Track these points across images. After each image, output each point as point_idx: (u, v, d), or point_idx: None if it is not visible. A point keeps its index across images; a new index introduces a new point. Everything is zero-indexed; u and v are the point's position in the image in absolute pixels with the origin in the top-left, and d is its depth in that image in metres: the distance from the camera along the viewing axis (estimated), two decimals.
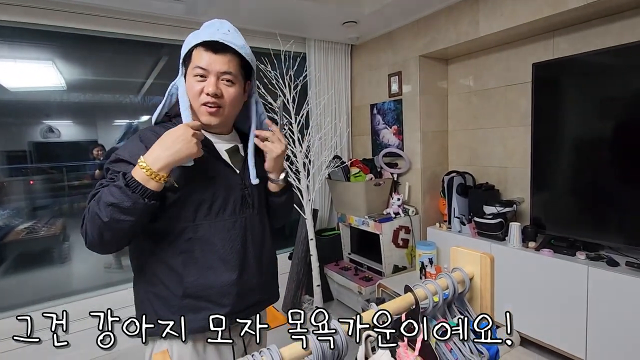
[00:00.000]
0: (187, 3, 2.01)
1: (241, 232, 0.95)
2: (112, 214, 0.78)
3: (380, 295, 2.24)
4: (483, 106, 2.44)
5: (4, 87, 2.12)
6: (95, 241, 0.82)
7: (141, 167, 0.79)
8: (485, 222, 2.09)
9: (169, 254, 0.90)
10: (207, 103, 0.90)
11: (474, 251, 0.75)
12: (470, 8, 2.14)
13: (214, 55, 0.88)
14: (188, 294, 0.90)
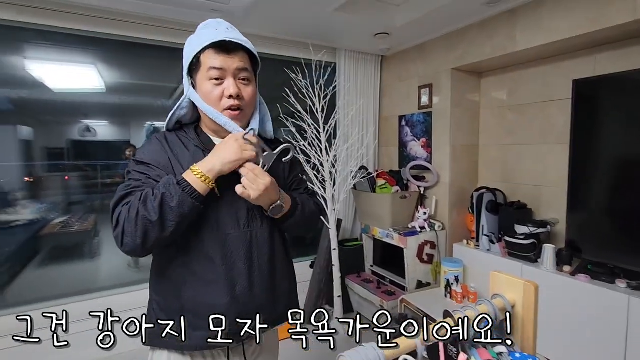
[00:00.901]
0: (223, 13, 2.07)
1: (245, 248, 0.90)
2: (162, 212, 0.78)
3: (403, 311, 2.19)
4: (517, 122, 2.37)
5: (49, 88, 2.24)
6: (137, 243, 0.80)
7: (194, 173, 0.82)
8: (517, 242, 2.01)
9: (170, 267, 0.89)
10: (231, 107, 0.87)
11: (516, 278, 0.72)
12: (507, 22, 2.09)
13: (226, 54, 0.85)
14: (186, 309, 0.87)
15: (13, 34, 2.01)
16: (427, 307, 2.07)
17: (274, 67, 2.69)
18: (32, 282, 2.21)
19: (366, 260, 2.84)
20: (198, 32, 0.90)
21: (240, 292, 0.89)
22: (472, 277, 2.26)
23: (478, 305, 0.69)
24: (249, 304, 0.90)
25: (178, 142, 0.93)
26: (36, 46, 2.13)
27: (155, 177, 0.87)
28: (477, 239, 2.32)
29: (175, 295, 0.89)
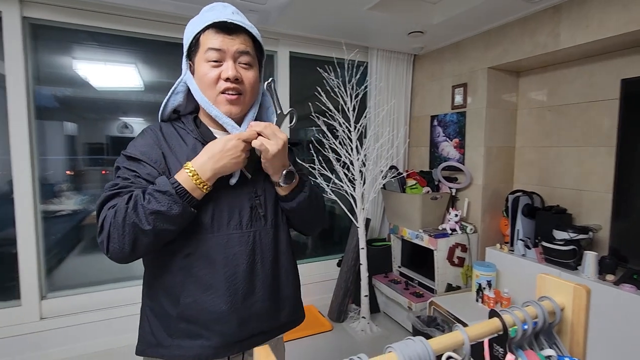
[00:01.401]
0: (260, 13, 2.11)
1: (248, 250, 0.83)
2: (155, 222, 0.72)
3: (432, 314, 2.15)
4: (558, 123, 2.27)
5: (92, 86, 2.36)
6: (126, 250, 0.73)
7: (190, 174, 0.74)
8: (556, 248, 1.93)
9: (167, 270, 0.82)
10: (227, 90, 0.80)
11: (566, 281, 0.70)
12: (550, 19, 2.01)
13: (227, 36, 0.79)
14: (184, 317, 0.81)
15: (65, 35, 2.14)
16: (458, 310, 2.03)
17: (306, 65, 2.72)
18: (75, 267, 2.34)
19: (394, 260, 2.82)
20: (201, 14, 0.83)
21: (242, 297, 0.82)
22: (505, 282, 2.19)
23: (525, 306, 0.67)
24: (251, 310, 0.84)
25: (175, 134, 0.85)
26: (84, 46, 2.25)
27: (145, 175, 0.79)
28: (511, 243, 2.25)
29: (171, 302, 0.82)
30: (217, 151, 0.76)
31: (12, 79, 1.94)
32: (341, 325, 2.55)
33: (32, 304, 2.04)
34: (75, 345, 2.07)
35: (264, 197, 0.87)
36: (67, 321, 2.08)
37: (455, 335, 0.57)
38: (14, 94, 1.94)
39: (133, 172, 0.79)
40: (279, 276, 0.90)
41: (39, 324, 2.05)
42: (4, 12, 1.89)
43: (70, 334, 2.07)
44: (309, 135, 2.80)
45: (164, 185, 0.74)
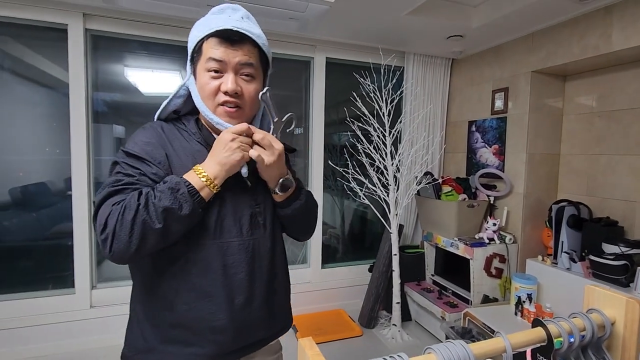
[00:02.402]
0: (299, 21, 2.17)
1: (247, 257, 0.82)
2: (167, 220, 0.70)
3: (467, 325, 2.09)
4: (609, 129, 2.14)
5: (140, 92, 2.52)
6: (131, 249, 0.70)
7: (198, 174, 0.74)
8: (605, 263, 1.81)
9: (164, 275, 0.79)
10: (226, 103, 0.78)
11: (617, 294, 0.67)
12: (602, 20, 1.91)
13: (230, 46, 0.76)
14: (179, 324, 0.78)
15: (119, 45, 2.31)
16: (495, 323, 1.95)
17: (342, 71, 2.75)
18: None
19: (427, 268, 2.76)
20: (208, 17, 0.80)
21: (239, 305, 0.81)
22: (547, 296, 2.08)
23: (572, 318, 0.65)
24: (248, 317, 0.82)
25: (177, 135, 0.83)
26: (135, 55, 2.42)
27: (151, 174, 0.77)
28: (554, 255, 2.14)
29: (166, 308, 0.79)
30: (218, 149, 0.76)
31: (75, 86, 2.12)
32: (371, 332, 2.53)
33: (84, 293, 2.21)
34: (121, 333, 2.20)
35: (264, 206, 0.87)
36: (114, 310, 2.23)
37: (497, 341, 0.57)
38: (75, 100, 2.13)
39: (137, 169, 0.76)
40: (275, 284, 0.89)
41: (89, 312, 2.21)
42: (69, 25, 2.08)
43: (116, 322, 2.21)
44: (342, 140, 2.82)
45: (175, 183, 0.72)
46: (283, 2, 1.92)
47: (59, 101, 2.17)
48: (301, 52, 2.60)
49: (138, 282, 0.85)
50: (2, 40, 2.09)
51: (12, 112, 2.13)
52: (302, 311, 2.64)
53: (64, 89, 2.14)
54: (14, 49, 2.13)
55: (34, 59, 2.19)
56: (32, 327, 2.10)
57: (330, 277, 2.82)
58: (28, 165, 2.20)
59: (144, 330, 0.82)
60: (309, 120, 2.74)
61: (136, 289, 0.86)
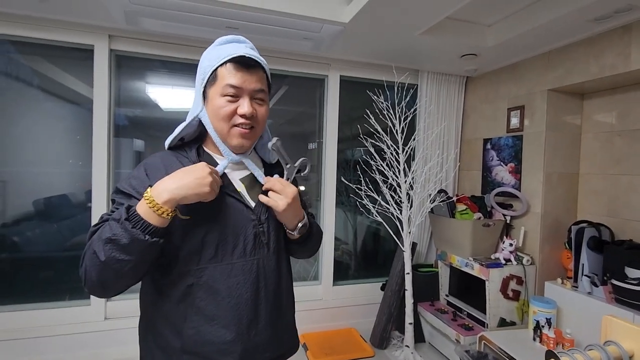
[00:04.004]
0: (314, 41, 2.22)
1: (252, 278, 0.82)
2: (110, 252, 0.67)
3: (482, 349, 2.02)
4: (630, 149, 2.08)
5: (160, 107, 2.61)
6: (95, 284, 0.70)
7: (145, 199, 0.70)
8: (628, 288, 1.74)
9: (169, 301, 0.80)
10: (241, 124, 0.81)
11: (637, 325, 0.64)
12: (619, 39, 1.89)
13: (246, 72, 0.80)
14: (187, 350, 0.79)
15: (141, 64, 2.42)
16: (512, 348, 1.88)
17: (355, 88, 2.78)
18: None
19: (441, 288, 2.69)
20: (217, 47, 0.84)
21: (246, 327, 0.81)
22: (568, 321, 1.99)
23: (588, 350, 0.63)
24: (255, 340, 0.83)
25: (176, 164, 0.83)
26: (156, 73, 2.52)
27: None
28: (574, 278, 2.06)
29: (174, 334, 0.80)
30: (179, 173, 0.73)
31: (98, 103, 2.22)
32: (383, 353, 2.48)
33: (99, 304, 2.25)
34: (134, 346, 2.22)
35: (267, 225, 0.87)
36: (128, 323, 2.25)
37: None
38: (99, 115, 2.22)
39: (121, 204, 0.76)
40: (281, 302, 0.90)
41: (103, 324, 2.24)
42: (95, 45, 2.19)
43: (130, 334, 2.23)
44: (355, 156, 2.83)
45: (118, 213, 0.70)
46: (298, 24, 1.98)
47: (83, 116, 2.27)
48: (316, 70, 2.65)
49: (145, 308, 0.87)
50: (33, 59, 2.22)
51: (40, 127, 2.23)
52: (313, 329, 2.61)
53: (88, 104, 2.23)
54: (43, 68, 2.26)
55: (61, 76, 2.31)
56: (48, 338, 2.14)
57: (342, 295, 2.79)
58: (52, 178, 2.29)
59: (155, 355, 0.84)
60: (323, 136, 2.77)
61: (143, 315, 0.88)
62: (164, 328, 0.81)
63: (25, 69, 2.21)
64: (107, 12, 1.94)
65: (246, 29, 2.06)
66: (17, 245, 2.23)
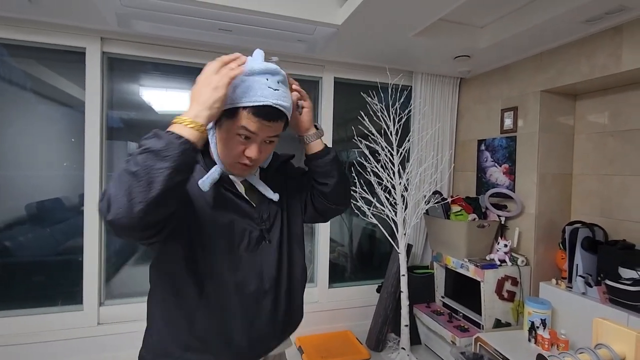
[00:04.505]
0: (308, 43, 2.22)
1: (257, 271, 0.87)
2: (144, 160, 0.63)
3: (478, 351, 2.01)
4: (622, 149, 2.09)
5: (154, 110, 2.60)
6: (123, 207, 0.62)
7: (173, 123, 0.71)
8: (622, 288, 1.74)
9: (181, 287, 0.83)
10: (245, 163, 0.83)
11: (628, 328, 0.64)
12: (610, 40, 1.90)
13: (266, 122, 0.78)
14: (197, 336, 0.83)
15: (134, 66, 2.40)
16: (507, 350, 1.88)
17: (350, 90, 2.78)
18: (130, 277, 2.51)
19: (437, 290, 2.69)
20: (249, 77, 0.77)
21: (252, 320, 0.86)
22: (562, 322, 2.00)
23: (579, 353, 0.62)
24: (262, 331, 0.88)
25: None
26: (149, 75, 2.51)
27: None
28: (569, 279, 2.06)
29: (184, 319, 0.83)
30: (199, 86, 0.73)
31: (90, 105, 2.20)
32: (379, 355, 2.47)
33: (92, 310, 2.22)
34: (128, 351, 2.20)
35: (269, 222, 0.91)
36: (121, 328, 2.23)
37: None
38: (91, 118, 2.20)
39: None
40: (285, 297, 0.94)
41: (97, 329, 2.22)
42: (87, 48, 2.17)
43: (123, 340, 2.21)
44: (350, 158, 2.83)
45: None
46: (292, 26, 1.97)
47: (76, 119, 2.25)
48: (310, 72, 2.64)
49: (157, 291, 0.89)
50: (26, 62, 2.20)
51: (33, 130, 2.21)
52: (308, 332, 2.60)
53: (81, 107, 2.21)
54: (36, 71, 2.24)
55: (54, 79, 2.29)
56: (40, 344, 2.11)
57: (338, 297, 2.78)
58: (45, 181, 2.26)
59: (162, 336, 0.86)
60: None
61: (155, 296, 0.89)
62: (175, 312, 0.84)
63: (18, 72, 2.19)
64: (99, 15, 1.93)
65: (239, 31, 2.05)
66: (8, 250, 2.20)
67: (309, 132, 0.94)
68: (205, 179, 0.81)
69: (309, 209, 1.04)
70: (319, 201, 1.01)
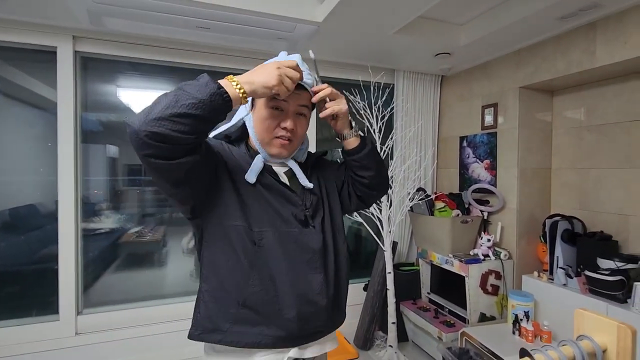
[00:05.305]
0: (289, 40, 2.20)
1: (305, 246, 0.91)
2: (178, 89, 0.72)
3: (464, 346, 2.03)
4: (597, 143, 2.15)
5: (133, 112, 2.52)
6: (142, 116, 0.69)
7: (229, 79, 0.78)
8: (601, 279, 1.78)
9: (233, 257, 0.87)
10: (282, 136, 0.90)
11: (609, 318, 0.64)
12: (584, 36, 1.94)
13: (296, 91, 0.87)
14: (247, 305, 0.86)
15: (110, 66, 2.32)
16: (492, 343, 1.90)
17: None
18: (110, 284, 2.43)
19: (423, 286, 2.71)
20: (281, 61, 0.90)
21: (303, 291, 0.89)
22: (545, 314, 2.03)
23: (561, 346, 0.62)
24: (312, 308, 0.90)
25: (228, 152, 0.94)
26: (127, 75, 2.43)
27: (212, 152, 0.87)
28: (550, 271, 2.10)
29: (235, 289, 0.87)
30: (258, 70, 0.82)
31: (63, 106, 2.11)
32: (367, 354, 2.46)
33: (69, 319, 2.13)
34: None
35: (312, 210, 0.96)
36: (101, 337, 2.15)
37: None
38: (64, 120, 2.11)
39: None
40: (333, 279, 0.96)
41: (75, 339, 2.13)
42: (59, 47, 2.08)
43: (103, 349, 2.13)
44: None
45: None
46: (271, 23, 1.94)
47: (52, 122, 2.16)
48: None
49: (206, 262, 0.91)
50: None
51: (4, 134, 2.11)
52: None
53: (55, 109, 2.13)
54: (5, 72, 2.14)
55: (25, 80, 2.19)
56: (15, 357, 2.01)
57: None
58: (19, 187, 2.16)
59: (210, 310, 0.88)
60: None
61: (204, 268, 0.92)
62: (225, 282, 0.87)
63: None
64: (70, 12, 1.85)
65: (217, 29, 2.01)
66: None
67: (345, 131, 0.99)
68: (250, 172, 0.89)
69: (353, 199, 1.07)
70: (360, 190, 1.05)
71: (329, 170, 1.09)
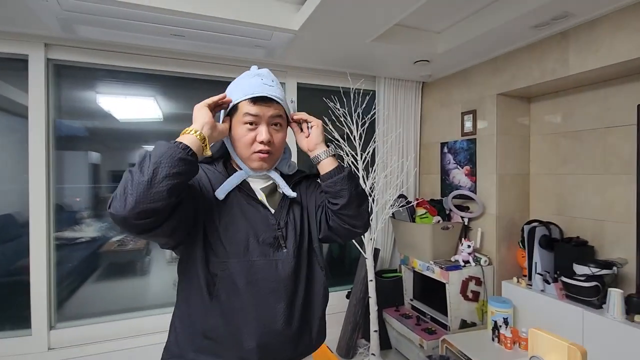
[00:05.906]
0: (266, 48, 2.18)
1: (270, 276, 0.88)
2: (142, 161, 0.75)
3: (445, 353, 2.03)
4: (574, 149, 2.17)
5: (115, 118, 2.48)
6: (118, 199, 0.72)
7: (184, 132, 0.84)
8: (576, 285, 1.80)
9: (196, 289, 0.87)
10: (260, 150, 0.91)
11: (560, 339, 0.63)
12: (557, 45, 1.97)
13: (264, 104, 0.90)
14: (210, 336, 0.86)
15: (86, 73, 2.28)
16: (472, 351, 1.90)
17: (311, 95, 2.76)
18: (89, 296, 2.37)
19: (405, 293, 2.70)
20: (243, 81, 0.94)
21: (264, 322, 0.87)
22: (524, 320, 2.04)
23: None
24: (273, 337, 0.88)
25: (204, 176, 0.94)
26: (106, 82, 2.39)
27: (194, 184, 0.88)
28: (529, 277, 2.12)
29: (198, 319, 0.87)
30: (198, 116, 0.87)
31: (34, 113, 2.06)
32: None
33: (41, 334, 2.07)
34: None
35: (285, 230, 0.94)
36: (74, 352, 2.09)
37: None
38: (35, 126, 2.06)
39: None
40: (302, 304, 0.93)
41: (47, 355, 2.07)
42: (30, 55, 2.04)
43: None
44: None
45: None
46: (247, 31, 1.93)
47: None
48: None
49: (179, 293, 0.93)
50: None
51: None
52: None
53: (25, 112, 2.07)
54: None
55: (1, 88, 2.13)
56: None
57: None
58: None
59: (178, 336, 0.90)
60: None
61: (177, 294, 0.94)
62: (190, 311, 0.88)
63: None
64: (39, 20, 1.81)
65: (193, 37, 1.98)
66: None
67: (318, 151, 0.97)
68: (221, 188, 0.90)
69: (323, 227, 1.01)
70: (333, 220, 0.98)
71: (313, 190, 1.05)
